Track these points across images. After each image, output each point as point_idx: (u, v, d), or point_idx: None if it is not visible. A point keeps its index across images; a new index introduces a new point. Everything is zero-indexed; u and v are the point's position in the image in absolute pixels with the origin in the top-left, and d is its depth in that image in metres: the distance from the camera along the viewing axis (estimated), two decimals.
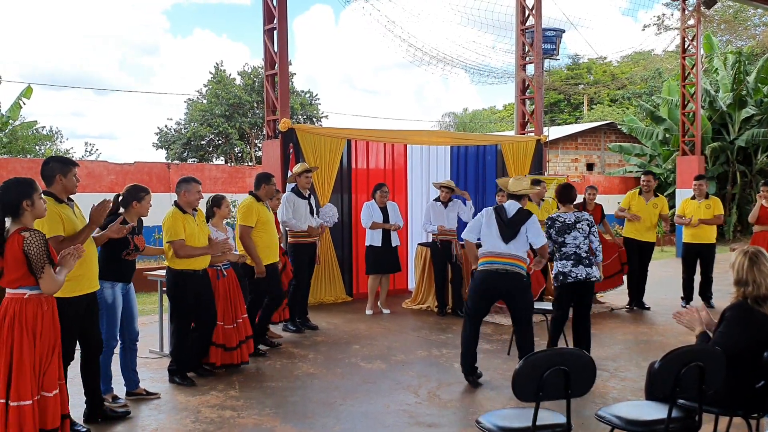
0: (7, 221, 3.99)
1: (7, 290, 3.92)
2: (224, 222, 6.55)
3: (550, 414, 3.49)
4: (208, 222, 6.24)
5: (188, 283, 5.78)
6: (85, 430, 4.72)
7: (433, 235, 8.96)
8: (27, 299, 3.91)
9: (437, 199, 9.09)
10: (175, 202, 5.89)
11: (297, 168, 8.32)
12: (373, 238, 8.94)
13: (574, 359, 3.35)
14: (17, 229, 3.89)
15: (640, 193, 9.41)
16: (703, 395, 3.39)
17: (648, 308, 9.28)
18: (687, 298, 9.44)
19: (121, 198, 5.42)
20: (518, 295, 5.80)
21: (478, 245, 6.06)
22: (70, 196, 4.74)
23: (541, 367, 3.26)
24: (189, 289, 5.79)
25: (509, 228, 5.79)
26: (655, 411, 3.53)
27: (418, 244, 9.80)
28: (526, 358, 3.30)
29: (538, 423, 3.31)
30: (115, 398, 5.33)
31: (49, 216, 4.32)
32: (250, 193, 6.91)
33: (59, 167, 4.64)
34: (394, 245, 9.03)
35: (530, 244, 5.90)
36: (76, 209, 4.76)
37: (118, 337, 5.33)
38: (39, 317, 3.94)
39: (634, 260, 9.30)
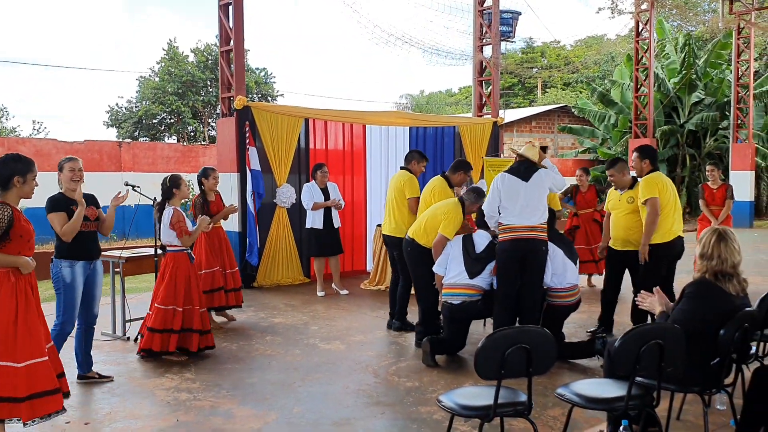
0: None
1: None
2: (181, 203, 6.32)
3: (511, 392, 3.49)
4: (165, 204, 6.05)
5: None
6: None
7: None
8: None
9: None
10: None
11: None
12: (314, 221, 8.80)
13: (536, 337, 3.36)
14: None
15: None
16: (662, 372, 3.44)
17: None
18: (605, 324, 6.73)
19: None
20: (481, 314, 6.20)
21: None
22: None
23: (504, 345, 3.26)
24: None
25: (477, 263, 5.87)
26: (615, 389, 3.56)
27: (377, 225, 9.76)
28: (488, 336, 3.30)
29: (499, 401, 3.32)
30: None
31: None
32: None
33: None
34: (336, 227, 8.93)
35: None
36: None
37: (75, 322, 5.19)
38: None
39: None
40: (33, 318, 3.99)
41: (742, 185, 18.71)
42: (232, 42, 9.78)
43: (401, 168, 7.29)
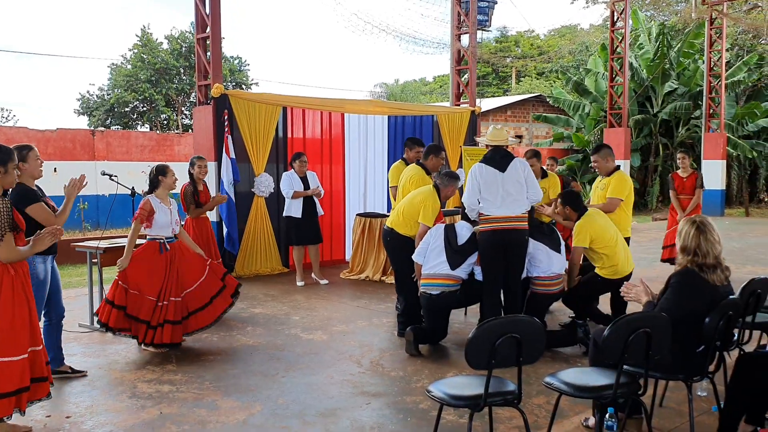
0: None
1: None
2: (168, 193, 6.10)
3: (499, 381, 3.49)
4: (152, 193, 5.95)
5: None
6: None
7: None
8: None
9: None
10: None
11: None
12: (292, 209, 8.71)
13: (526, 327, 3.36)
14: None
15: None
16: (650, 360, 3.47)
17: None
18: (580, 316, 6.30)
19: None
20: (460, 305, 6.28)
21: None
22: None
23: (494, 334, 3.25)
24: None
25: (460, 255, 5.78)
26: (602, 377, 3.58)
27: (357, 214, 9.73)
28: (479, 326, 3.29)
29: (488, 390, 3.31)
30: None
31: None
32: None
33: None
34: (318, 215, 8.87)
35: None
36: None
37: (44, 316, 5.06)
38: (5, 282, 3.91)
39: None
40: (33, 307, 4.08)
41: (714, 174, 18.99)
42: (208, 29, 9.64)
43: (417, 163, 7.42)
